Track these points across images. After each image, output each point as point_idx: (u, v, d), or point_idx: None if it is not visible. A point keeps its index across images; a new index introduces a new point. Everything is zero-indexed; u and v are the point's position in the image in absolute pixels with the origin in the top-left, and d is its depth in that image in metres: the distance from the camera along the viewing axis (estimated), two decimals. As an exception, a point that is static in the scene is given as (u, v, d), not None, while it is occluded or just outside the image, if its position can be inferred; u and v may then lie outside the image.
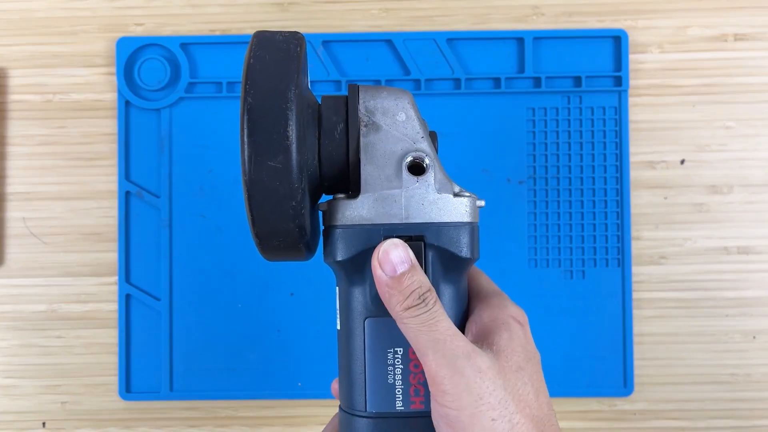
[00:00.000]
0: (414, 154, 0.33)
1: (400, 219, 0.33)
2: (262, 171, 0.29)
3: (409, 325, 0.31)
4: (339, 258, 0.33)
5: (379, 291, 0.32)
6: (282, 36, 0.31)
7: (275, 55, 0.30)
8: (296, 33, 0.32)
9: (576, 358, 0.60)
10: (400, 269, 0.31)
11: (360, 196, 0.33)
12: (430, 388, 0.31)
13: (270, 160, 0.29)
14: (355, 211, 0.33)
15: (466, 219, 0.34)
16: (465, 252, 0.33)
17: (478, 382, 0.30)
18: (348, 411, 0.34)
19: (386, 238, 0.33)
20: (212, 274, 0.61)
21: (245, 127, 0.29)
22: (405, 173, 0.33)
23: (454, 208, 0.33)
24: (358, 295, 0.34)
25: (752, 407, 0.61)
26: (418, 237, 0.33)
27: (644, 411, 0.61)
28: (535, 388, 0.31)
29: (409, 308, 0.31)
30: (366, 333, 0.34)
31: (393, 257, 0.31)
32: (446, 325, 0.31)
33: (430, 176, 0.33)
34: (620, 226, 0.61)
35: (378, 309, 0.33)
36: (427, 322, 0.31)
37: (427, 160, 0.34)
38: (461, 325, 0.34)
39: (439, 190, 0.33)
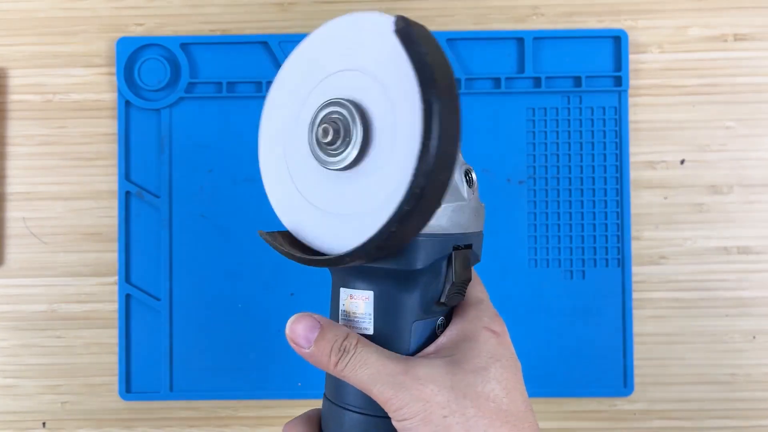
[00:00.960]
0: (465, 166, 0.35)
1: (464, 229, 0.35)
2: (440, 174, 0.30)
3: (344, 373, 0.33)
4: (419, 266, 0.33)
5: (306, 360, 0.34)
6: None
7: (451, 105, 0.30)
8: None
9: (576, 358, 0.60)
10: (313, 337, 0.33)
11: (441, 207, 0.34)
12: (388, 413, 0.33)
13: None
14: (437, 221, 0.34)
15: (483, 226, 0.36)
16: (480, 256, 0.36)
17: (420, 388, 0.32)
18: (338, 404, 0.35)
19: (456, 248, 0.34)
20: (212, 274, 0.61)
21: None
22: (464, 185, 0.35)
23: (482, 217, 0.36)
24: (409, 300, 0.35)
25: (752, 407, 0.61)
26: (467, 245, 0.35)
27: (644, 411, 0.61)
28: (504, 387, 0.33)
29: (337, 363, 0.33)
30: (412, 334, 0.35)
31: (301, 331, 0.34)
32: (375, 357, 0.33)
33: (475, 187, 0.35)
34: (620, 226, 0.61)
35: (426, 312, 0.35)
36: (357, 364, 0.33)
37: (473, 173, 0.35)
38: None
39: (478, 200, 0.36)
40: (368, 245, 0.31)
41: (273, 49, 0.61)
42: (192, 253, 0.61)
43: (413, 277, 0.34)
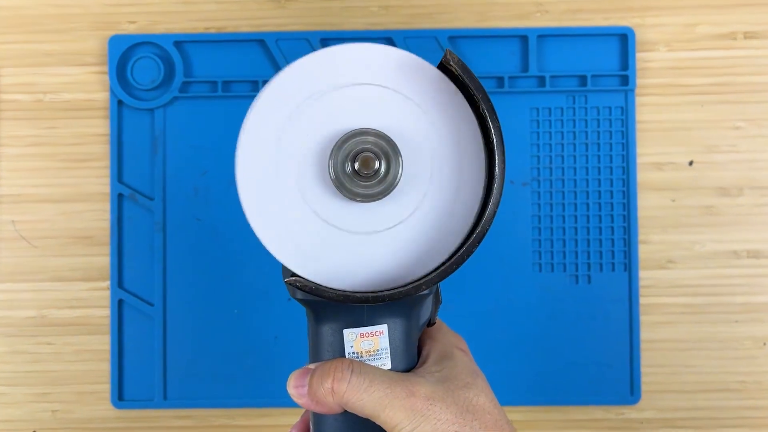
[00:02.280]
0: None
1: None
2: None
3: (347, 399, 0.34)
4: (431, 290, 0.36)
5: (308, 405, 0.35)
6: None
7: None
8: None
9: (581, 365, 0.60)
10: (307, 375, 0.35)
11: None
12: None
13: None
14: None
15: None
16: None
17: (430, 407, 0.33)
18: None
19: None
20: (207, 279, 0.61)
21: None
22: None
23: None
24: (414, 325, 0.37)
25: (763, 415, 0.61)
26: None
27: (652, 420, 0.61)
28: (490, 399, 0.35)
29: (335, 389, 0.34)
30: (413, 358, 0.38)
31: (293, 378, 0.36)
32: (377, 380, 0.34)
33: None
34: (627, 229, 0.61)
35: (417, 334, 0.38)
36: (359, 389, 0.34)
37: None
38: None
39: None
40: (448, 269, 0.33)
41: (270, 48, 0.61)
42: (186, 257, 0.61)
43: (419, 301, 0.36)
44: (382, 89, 0.34)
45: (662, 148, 0.62)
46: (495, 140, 0.32)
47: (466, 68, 0.32)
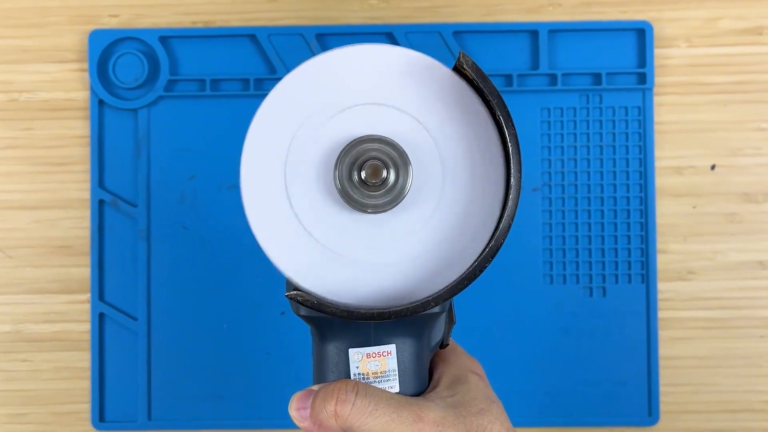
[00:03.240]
0: None
1: None
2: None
3: (351, 423, 0.34)
4: (443, 308, 0.36)
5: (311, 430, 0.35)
6: None
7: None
8: None
9: (595, 384, 0.60)
10: (309, 398, 0.35)
11: None
12: None
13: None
14: None
15: None
16: None
17: None
18: None
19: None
20: (195, 292, 0.60)
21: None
22: None
23: None
24: (425, 346, 0.37)
25: (789, 437, 0.61)
26: None
27: (671, 442, 0.61)
28: (506, 427, 0.35)
29: (339, 412, 0.34)
30: (424, 381, 0.38)
31: (295, 401, 0.35)
32: (383, 403, 0.34)
33: None
34: (644, 238, 0.60)
35: (429, 357, 0.38)
36: (364, 412, 0.33)
37: None
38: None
39: None
40: (459, 285, 0.32)
41: (262, 43, 0.60)
42: (172, 268, 0.60)
43: (431, 320, 0.36)
44: (387, 107, 0.34)
45: (682, 151, 0.61)
46: (511, 148, 0.32)
47: (480, 72, 0.33)
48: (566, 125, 0.61)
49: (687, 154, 0.61)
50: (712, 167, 0.61)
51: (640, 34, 0.61)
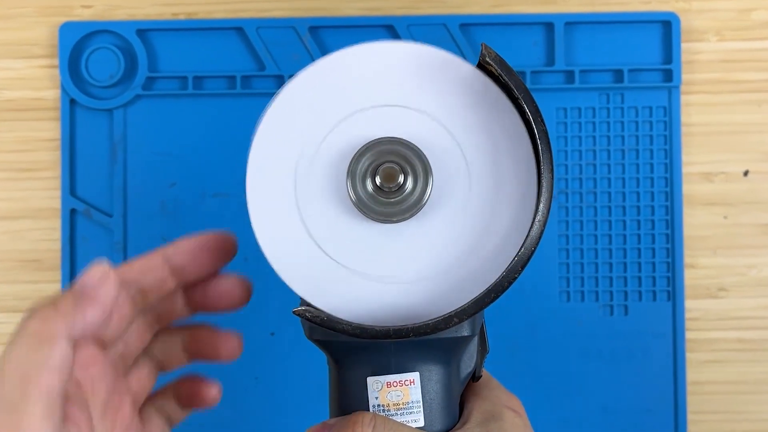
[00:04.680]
0: None
1: None
2: None
3: None
4: (473, 332, 0.35)
5: None
6: None
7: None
8: None
9: (617, 411, 0.59)
10: None
11: None
12: None
13: None
14: None
15: None
16: None
17: None
18: None
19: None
20: None
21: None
22: None
23: None
24: (454, 376, 0.36)
25: (829, 469, 0.60)
26: None
27: (700, 475, 0.60)
28: None
29: None
30: (454, 417, 0.37)
31: None
32: None
33: None
34: (670, 251, 0.59)
35: (460, 390, 0.37)
36: None
37: None
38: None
39: None
40: (485, 298, 0.32)
41: (249, 37, 0.59)
42: None
43: (459, 345, 0.35)
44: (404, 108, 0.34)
45: (712, 156, 0.60)
46: (541, 147, 0.32)
47: (506, 65, 0.32)
48: (584, 127, 0.60)
49: (718, 159, 0.60)
50: (746, 173, 0.60)
51: (666, 27, 0.59)
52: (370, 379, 0.34)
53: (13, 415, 0.28)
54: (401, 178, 0.32)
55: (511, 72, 0.32)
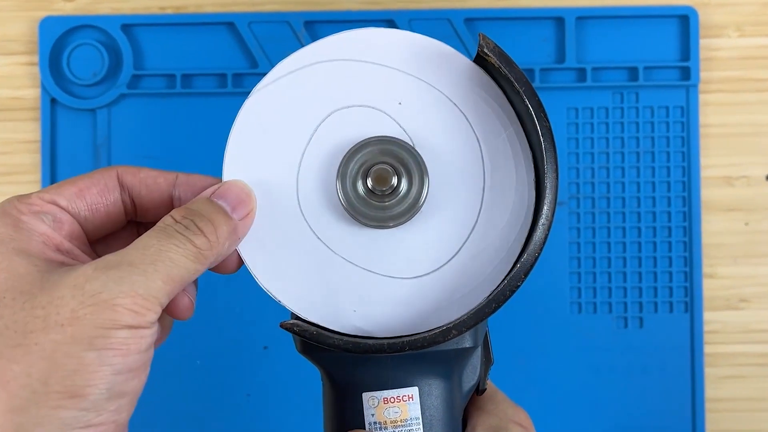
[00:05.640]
0: None
1: None
2: None
3: None
4: (476, 343, 0.35)
5: None
6: None
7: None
8: None
9: (631, 430, 0.58)
10: None
11: None
12: None
13: None
14: None
15: None
16: None
17: None
18: None
19: None
20: None
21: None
22: None
23: None
24: (456, 391, 0.36)
25: None
26: None
27: (719, 498, 0.59)
28: None
29: None
30: None
31: None
32: None
33: None
34: (688, 260, 0.59)
35: (463, 404, 0.37)
36: None
37: None
38: None
39: None
40: (485, 309, 0.31)
41: (241, 33, 0.58)
42: None
43: (461, 358, 0.35)
44: (399, 73, 0.33)
45: (732, 158, 0.60)
46: (544, 145, 0.31)
47: (506, 56, 0.32)
48: (597, 128, 0.59)
49: (738, 162, 0.60)
50: (768, 177, 0.60)
51: (684, 22, 0.59)
52: (365, 395, 0.34)
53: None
54: (395, 180, 0.32)
55: (512, 64, 0.31)
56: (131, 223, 0.36)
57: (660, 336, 0.58)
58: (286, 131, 0.33)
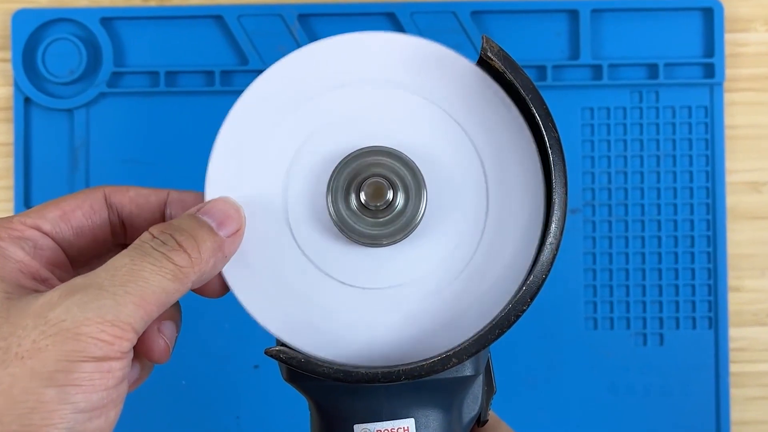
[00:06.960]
0: None
1: None
2: None
3: None
4: (477, 371, 0.34)
5: None
6: None
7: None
8: None
9: None
10: None
11: None
12: None
13: None
14: None
15: None
16: None
17: None
18: None
19: None
20: None
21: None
22: None
23: None
24: (456, 422, 0.35)
25: None
26: None
27: None
28: None
29: None
30: None
31: None
32: None
33: None
34: (712, 271, 0.58)
35: None
36: None
37: None
38: None
39: None
40: (488, 335, 0.31)
41: (230, 27, 0.58)
42: None
43: (461, 387, 0.34)
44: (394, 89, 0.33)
45: (760, 163, 0.59)
46: (552, 158, 0.31)
47: (511, 61, 0.32)
48: (614, 130, 0.59)
49: (766, 167, 0.59)
50: (798, 183, 0.58)
51: (708, 15, 0.58)
52: (357, 428, 0.34)
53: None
54: (390, 195, 0.31)
55: (517, 69, 0.31)
56: (120, 246, 0.35)
57: (682, 354, 0.57)
58: (274, 143, 0.33)
